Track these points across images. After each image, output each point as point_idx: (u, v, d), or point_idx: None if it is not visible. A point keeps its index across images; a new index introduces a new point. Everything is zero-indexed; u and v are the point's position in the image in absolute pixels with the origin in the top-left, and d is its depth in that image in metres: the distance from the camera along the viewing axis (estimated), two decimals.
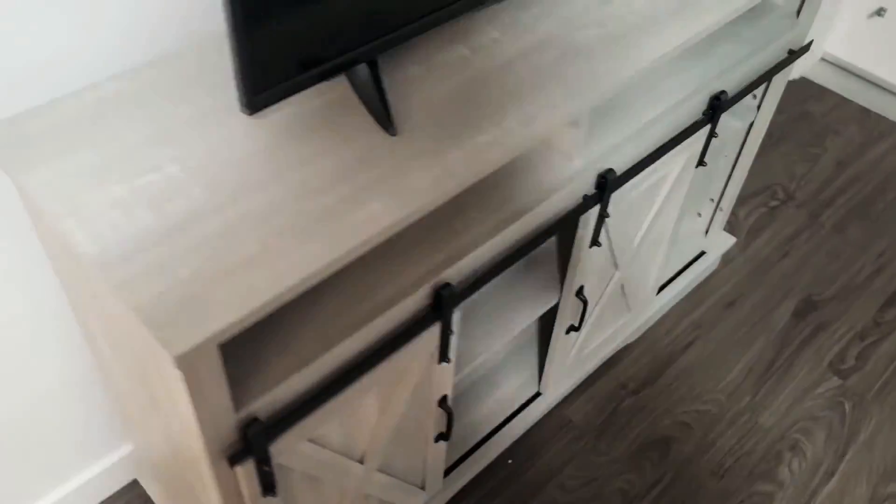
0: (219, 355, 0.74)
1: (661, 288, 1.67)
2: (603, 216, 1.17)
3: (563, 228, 1.12)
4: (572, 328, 1.36)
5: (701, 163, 1.34)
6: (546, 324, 1.43)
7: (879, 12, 2.22)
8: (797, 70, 2.37)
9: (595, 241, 1.21)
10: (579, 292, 1.29)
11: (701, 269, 1.75)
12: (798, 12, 1.37)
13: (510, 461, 1.51)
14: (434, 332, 1.00)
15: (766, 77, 1.34)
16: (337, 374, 0.90)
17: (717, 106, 1.25)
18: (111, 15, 0.95)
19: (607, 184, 1.12)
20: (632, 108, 1.18)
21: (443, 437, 1.21)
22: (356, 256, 0.81)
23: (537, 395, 1.51)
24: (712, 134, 1.30)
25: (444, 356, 1.05)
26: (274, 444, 0.88)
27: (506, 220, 1.01)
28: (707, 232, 1.74)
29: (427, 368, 1.05)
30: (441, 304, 0.96)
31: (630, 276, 1.44)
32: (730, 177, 1.61)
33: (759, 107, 1.49)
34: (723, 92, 1.25)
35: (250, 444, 0.84)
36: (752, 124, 1.52)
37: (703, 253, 1.76)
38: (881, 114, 2.29)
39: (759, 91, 1.48)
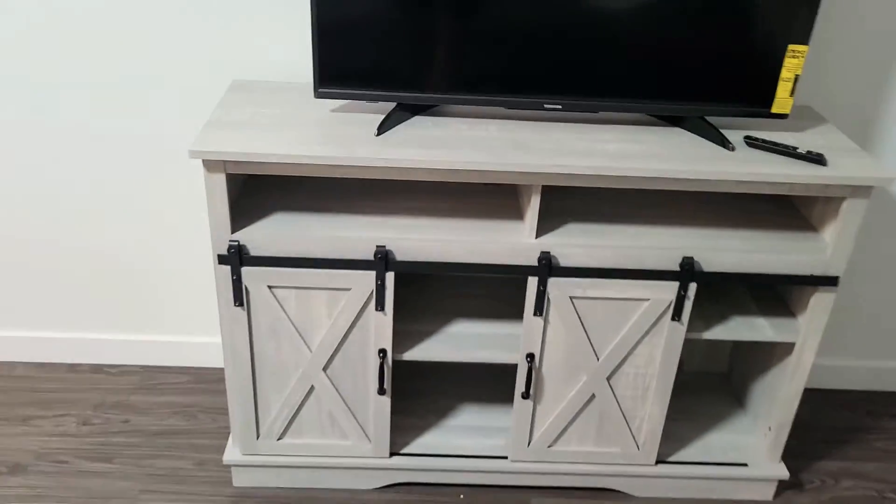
0: (224, 180, 1.45)
1: (666, 461, 1.81)
2: (543, 290, 1.56)
3: (509, 275, 1.55)
4: (524, 394, 1.69)
5: (675, 317, 1.59)
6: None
7: None
8: None
9: (538, 311, 1.58)
10: (530, 358, 1.64)
11: (734, 479, 1.81)
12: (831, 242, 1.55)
13: (462, 496, 1.82)
14: (370, 276, 1.54)
15: (771, 280, 1.55)
16: (296, 259, 1.52)
17: (689, 267, 1.53)
18: None
19: (549, 263, 1.53)
20: (607, 234, 1.57)
21: (383, 392, 1.68)
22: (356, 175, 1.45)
23: (505, 457, 1.81)
24: (681, 292, 1.56)
25: (379, 304, 1.57)
26: (244, 269, 1.53)
27: (457, 229, 1.52)
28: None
29: (366, 306, 1.57)
30: (377, 260, 1.51)
31: (604, 398, 1.70)
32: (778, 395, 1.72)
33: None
34: (692, 258, 1.53)
35: (229, 256, 1.51)
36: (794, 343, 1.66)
37: (744, 465, 1.82)
38: None
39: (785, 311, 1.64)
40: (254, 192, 1.64)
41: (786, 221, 1.66)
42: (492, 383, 2.01)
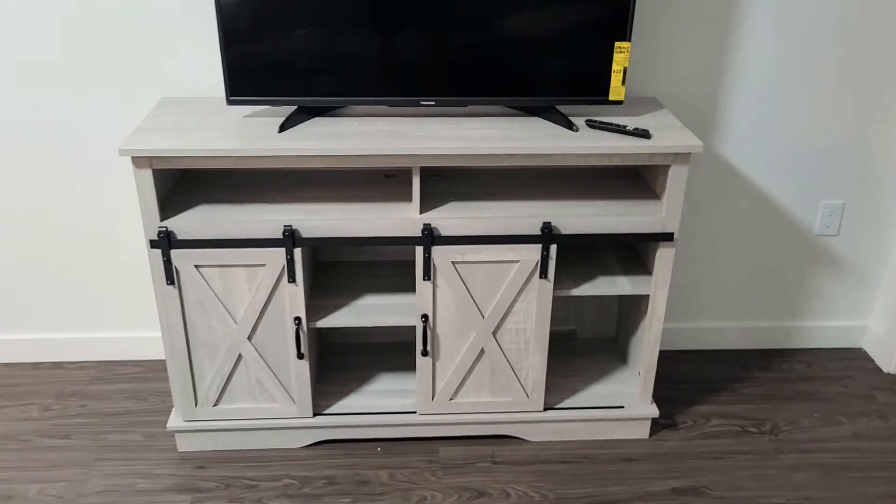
0: (150, 175, 1.73)
1: (554, 408, 2.09)
2: (428, 257, 1.85)
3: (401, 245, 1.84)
4: (424, 352, 1.97)
5: (542, 275, 1.89)
6: None
7: None
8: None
9: (426, 276, 1.87)
10: (424, 319, 1.93)
11: (612, 420, 2.09)
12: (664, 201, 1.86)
13: (379, 449, 2.09)
14: (281, 253, 1.82)
15: (613, 238, 1.85)
16: (218, 241, 1.80)
17: (548, 231, 1.84)
18: None
19: (431, 233, 1.82)
20: (482, 209, 1.87)
21: (301, 356, 1.95)
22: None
23: (414, 412, 2.08)
24: (544, 252, 1.86)
25: (291, 277, 1.85)
26: (173, 251, 1.81)
27: (358, 213, 1.82)
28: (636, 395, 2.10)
29: (280, 279, 1.86)
30: (285, 238, 1.80)
31: (493, 352, 1.98)
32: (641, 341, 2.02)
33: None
34: (550, 223, 1.83)
35: (159, 241, 1.79)
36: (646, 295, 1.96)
37: (621, 407, 2.11)
38: None
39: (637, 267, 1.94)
40: (184, 189, 1.93)
41: (634, 192, 1.98)
42: (409, 357, 2.29)
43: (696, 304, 2.44)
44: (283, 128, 1.81)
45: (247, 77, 1.80)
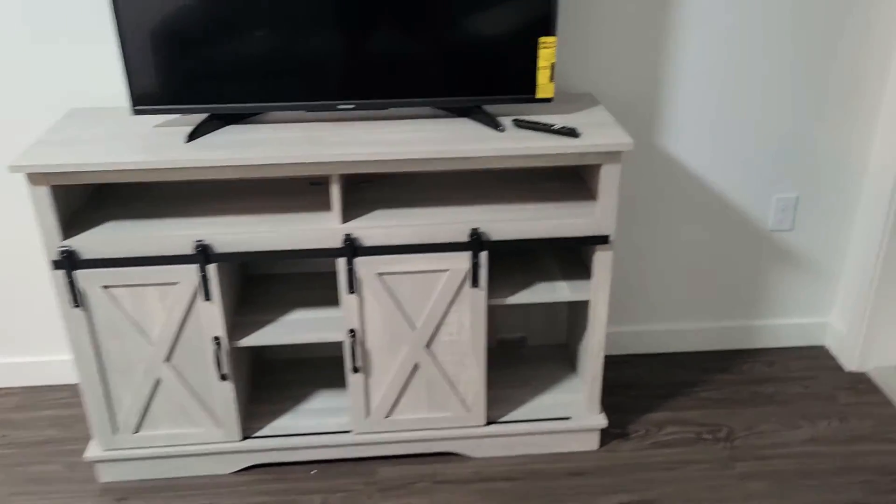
0: (48, 192, 1.62)
1: (497, 422, 1.99)
2: (351, 269, 1.74)
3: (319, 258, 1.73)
4: (354, 368, 1.86)
5: (474, 284, 1.79)
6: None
7: None
8: (858, 364, 2.32)
9: (351, 289, 1.77)
10: (352, 334, 1.82)
11: (559, 432, 1.99)
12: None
13: (314, 472, 1.98)
14: (194, 269, 1.72)
15: (554, 243, 1.75)
16: (126, 259, 1.69)
17: (477, 238, 1.73)
18: None
19: (353, 244, 1.72)
20: (407, 216, 1.76)
21: (224, 377, 1.84)
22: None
23: (349, 431, 1.98)
24: (474, 260, 1.76)
25: (206, 295, 1.75)
26: (78, 272, 1.69)
27: (270, 225, 1.71)
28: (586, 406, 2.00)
29: (195, 297, 1.75)
30: (197, 254, 1.69)
31: (427, 366, 1.87)
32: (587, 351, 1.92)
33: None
34: (478, 229, 1.73)
35: (61, 261, 1.68)
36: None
37: (567, 418, 2.01)
38: None
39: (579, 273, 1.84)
40: (98, 204, 1.82)
41: (572, 193, 1.88)
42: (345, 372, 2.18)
43: (651, 305, 2.35)
44: (191, 137, 1.70)
45: (152, 84, 1.69)
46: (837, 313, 2.38)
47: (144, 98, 1.70)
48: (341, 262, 1.74)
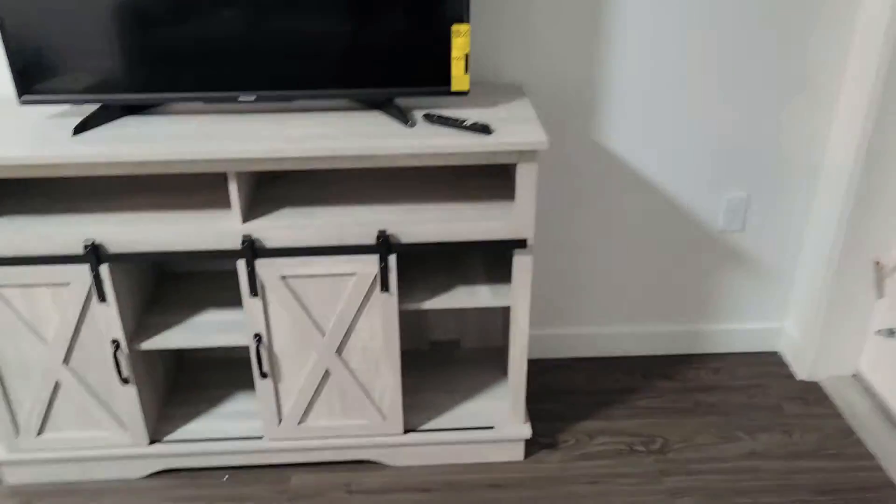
0: None
1: (417, 430, 1.90)
2: (252, 271, 1.65)
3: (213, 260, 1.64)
4: (262, 374, 1.78)
5: (384, 289, 1.69)
6: None
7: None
8: (810, 373, 2.21)
9: (253, 292, 1.68)
10: (258, 338, 1.73)
11: (481, 442, 1.90)
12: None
13: (226, 478, 1.90)
14: (86, 270, 1.63)
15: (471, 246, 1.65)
16: (16, 258, 1.61)
17: (384, 240, 1.64)
18: None
19: (253, 245, 1.63)
20: (312, 215, 1.67)
21: (125, 381, 1.76)
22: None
23: (261, 437, 1.90)
24: (382, 263, 1.66)
25: (101, 296, 1.66)
26: None
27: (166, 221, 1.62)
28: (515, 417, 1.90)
29: (90, 298, 1.66)
30: (87, 254, 1.60)
31: (339, 373, 1.79)
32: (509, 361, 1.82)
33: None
34: (385, 231, 1.63)
35: None
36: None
37: (490, 428, 1.91)
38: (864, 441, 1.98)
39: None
40: None
41: (494, 192, 1.77)
42: None
43: (594, 307, 2.24)
44: (77, 130, 1.61)
45: (37, 73, 1.60)
46: (792, 318, 2.27)
47: (30, 87, 1.61)
48: (241, 265, 1.65)
